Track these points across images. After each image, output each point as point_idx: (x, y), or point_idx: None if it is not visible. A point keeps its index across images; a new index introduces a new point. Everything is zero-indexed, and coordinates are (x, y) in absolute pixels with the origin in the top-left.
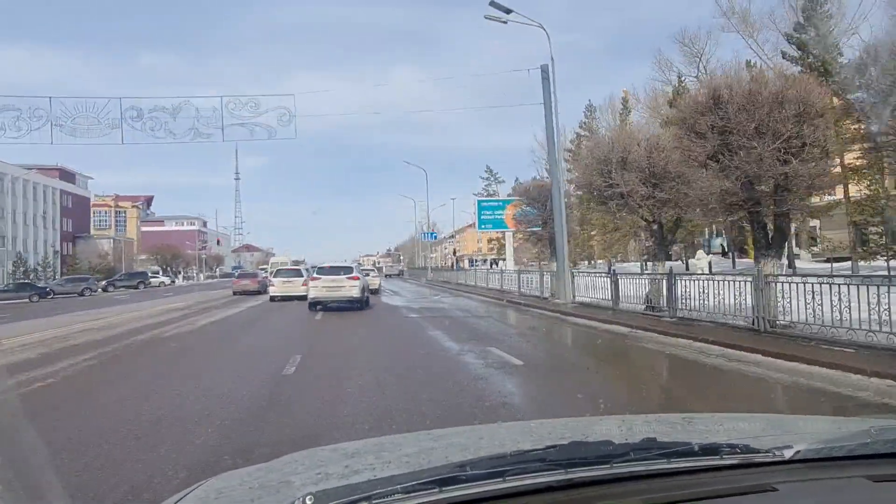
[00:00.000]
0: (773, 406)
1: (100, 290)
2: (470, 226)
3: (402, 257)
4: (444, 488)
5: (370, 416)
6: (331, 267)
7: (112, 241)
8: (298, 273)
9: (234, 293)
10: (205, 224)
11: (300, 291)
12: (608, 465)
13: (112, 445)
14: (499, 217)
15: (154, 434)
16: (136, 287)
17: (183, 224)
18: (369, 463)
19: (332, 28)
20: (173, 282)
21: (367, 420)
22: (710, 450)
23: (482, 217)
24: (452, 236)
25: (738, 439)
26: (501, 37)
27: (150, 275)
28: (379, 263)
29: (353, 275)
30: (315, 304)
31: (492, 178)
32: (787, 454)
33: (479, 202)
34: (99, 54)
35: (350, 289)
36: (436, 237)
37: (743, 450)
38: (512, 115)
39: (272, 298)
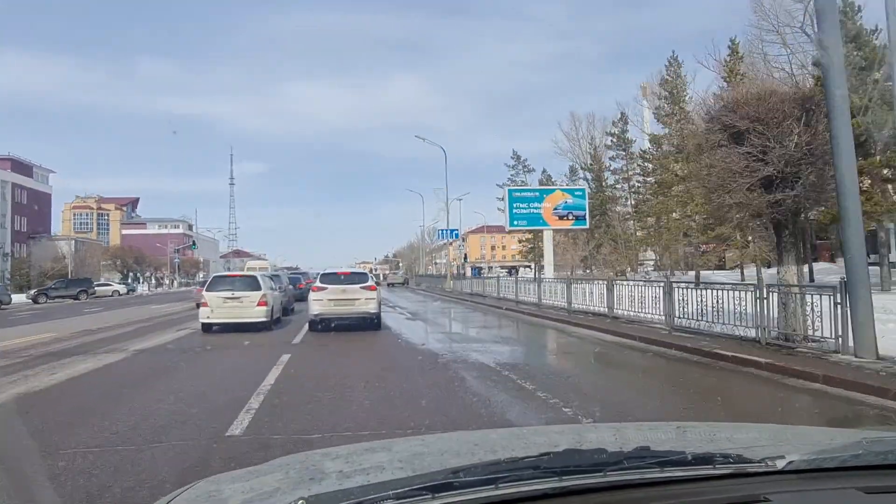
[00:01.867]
0: None
1: (31, 300)
2: (474, 230)
3: (400, 264)
4: (437, 495)
5: None
6: (340, 273)
7: (73, 242)
8: (253, 284)
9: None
10: (190, 227)
11: (254, 315)
12: (602, 474)
13: None
14: (535, 211)
15: None
16: (75, 297)
17: (167, 227)
18: (362, 468)
19: (333, 34)
20: (131, 290)
21: None
22: (704, 459)
23: (514, 211)
24: (464, 239)
25: (732, 449)
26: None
27: (94, 283)
28: (377, 271)
29: (369, 283)
30: (317, 323)
31: (520, 166)
32: (780, 464)
33: (511, 191)
34: (97, 61)
35: (366, 302)
36: (458, 235)
37: (736, 459)
38: (515, 116)
39: (205, 327)
